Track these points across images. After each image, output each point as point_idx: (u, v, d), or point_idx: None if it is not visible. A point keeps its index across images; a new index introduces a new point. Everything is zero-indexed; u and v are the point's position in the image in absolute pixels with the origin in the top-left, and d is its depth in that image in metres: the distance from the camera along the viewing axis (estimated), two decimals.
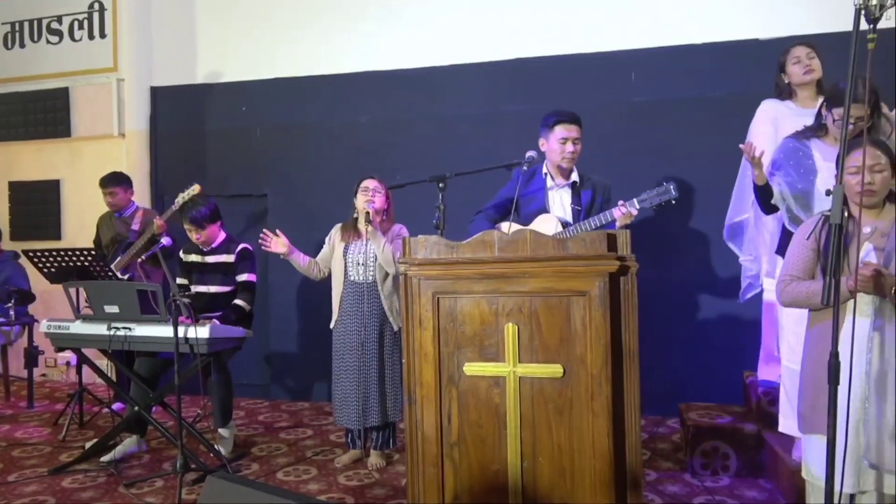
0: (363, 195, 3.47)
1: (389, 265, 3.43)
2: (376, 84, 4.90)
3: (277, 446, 3.98)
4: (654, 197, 2.89)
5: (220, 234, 3.84)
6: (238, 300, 3.74)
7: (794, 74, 3.24)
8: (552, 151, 3.13)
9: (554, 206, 3.13)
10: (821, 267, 2.30)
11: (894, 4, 1.73)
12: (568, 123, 3.11)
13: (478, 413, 2.13)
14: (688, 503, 3.07)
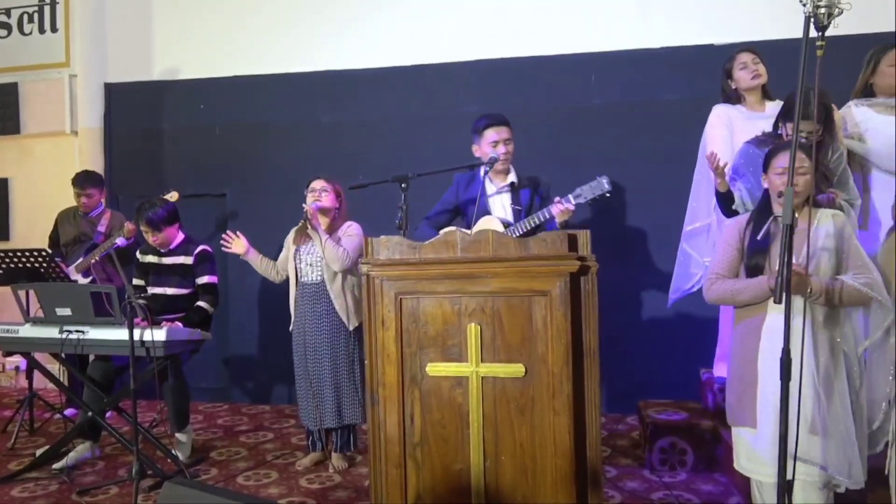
0: (311, 196, 3.47)
1: (333, 262, 3.41)
2: (338, 84, 4.86)
3: (237, 450, 3.92)
4: (589, 191, 2.92)
5: (179, 235, 3.77)
6: (201, 302, 3.67)
7: (741, 80, 3.34)
8: (485, 155, 3.17)
9: (495, 208, 3.18)
10: (744, 266, 2.40)
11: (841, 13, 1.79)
12: (497, 126, 3.16)
13: (440, 413, 2.13)
14: (646, 498, 3.12)
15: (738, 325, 2.47)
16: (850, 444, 2.28)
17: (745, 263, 2.42)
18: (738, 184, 2.96)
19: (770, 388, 2.28)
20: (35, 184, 5.41)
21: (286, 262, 3.62)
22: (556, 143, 4.44)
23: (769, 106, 3.28)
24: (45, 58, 5.46)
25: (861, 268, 2.29)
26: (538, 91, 4.56)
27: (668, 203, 4.05)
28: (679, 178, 3.71)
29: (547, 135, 4.47)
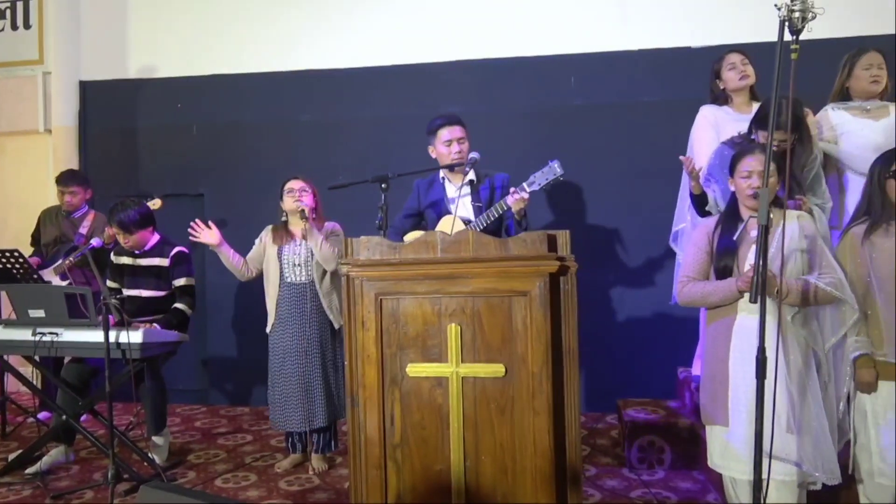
0: (290, 197, 3.44)
1: (327, 262, 3.40)
2: (317, 83, 4.84)
3: (215, 453, 3.88)
4: (542, 177, 2.89)
5: (153, 237, 3.71)
6: (179, 304, 3.62)
7: (730, 80, 3.37)
8: (441, 155, 3.18)
9: (459, 208, 3.15)
10: (713, 268, 2.44)
11: (815, 17, 1.82)
12: (450, 125, 3.18)
13: (421, 414, 2.13)
14: (625, 497, 3.15)
15: (710, 326, 2.50)
16: (824, 440, 2.32)
17: (714, 266, 2.46)
18: (712, 185, 2.99)
19: (741, 387, 2.32)
20: (7, 183, 5.30)
21: (259, 260, 3.58)
22: (535, 143, 4.45)
23: (755, 107, 3.31)
24: (18, 55, 5.35)
25: (827, 267, 2.34)
26: (518, 92, 4.58)
27: (647, 204, 4.10)
28: (658, 179, 3.75)
29: (527, 135, 4.49)
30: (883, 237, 2.39)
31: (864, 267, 2.39)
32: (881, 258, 2.38)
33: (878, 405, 2.40)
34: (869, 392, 2.40)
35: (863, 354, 2.38)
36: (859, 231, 2.44)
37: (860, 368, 2.39)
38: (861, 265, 2.40)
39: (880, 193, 2.43)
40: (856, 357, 2.39)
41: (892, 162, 2.41)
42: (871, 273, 2.38)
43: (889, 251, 2.37)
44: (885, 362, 2.37)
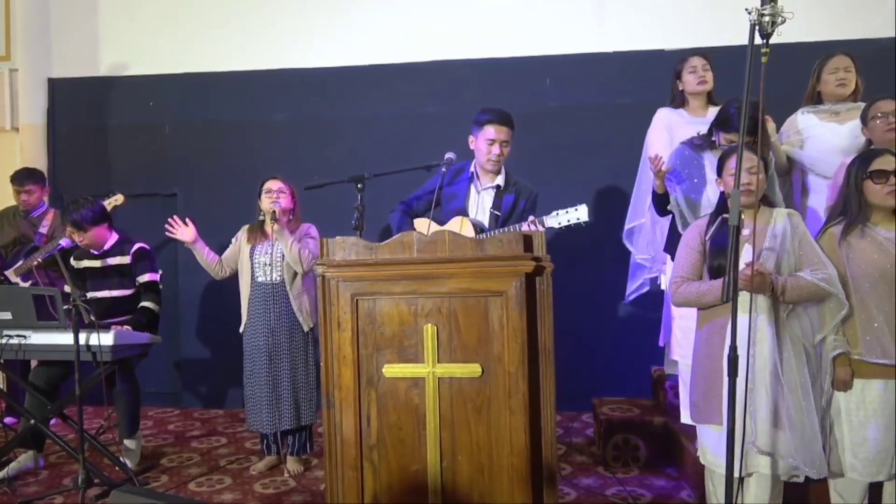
0: (267, 197, 3.41)
1: (297, 264, 3.39)
2: (291, 82, 4.80)
3: (189, 456, 3.83)
4: (564, 217, 2.87)
5: (111, 235, 3.65)
6: (145, 302, 3.57)
7: (688, 83, 3.43)
8: (479, 151, 3.08)
9: (474, 208, 3.11)
10: (707, 267, 2.47)
11: (784, 21, 1.86)
12: (498, 125, 3.05)
13: (397, 414, 2.13)
14: (600, 494, 3.18)
15: (704, 326, 2.51)
16: (812, 435, 2.35)
17: (707, 265, 2.47)
18: (675, 186, 3.04)
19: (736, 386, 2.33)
20: None
21: (233, 259, 3.56)
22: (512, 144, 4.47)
23: (711, 111, 3.37)
24: None
25: (817, 263, 2.37)
26: (495, 92, 4.59)
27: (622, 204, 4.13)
28: (632, 179, 3.79)
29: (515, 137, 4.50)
30: (858, 238, 2.44)
31: (841, 266, 2.43)
32: (856, 258, 2.42)
33: (852, 402, 2.45)
34: (845, 390, 2.45)
35: (841, 353, 2.43)
36: (836, 231, 2.48)
37: (838, 367, 2.44)
38: (838, 265, 2.44)
39: (857, 194, 2.47)
40: (835, 356, 2.43)
41: (869, 163, 2.45)
42: (848, 273, 2.43)
43: (863, 251, 2.41)
44: (860, 361, 2.42)
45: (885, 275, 2.38)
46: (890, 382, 2.40)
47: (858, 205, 2.46)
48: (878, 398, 2.41)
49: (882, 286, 2.39)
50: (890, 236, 2.41)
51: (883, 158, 2.44)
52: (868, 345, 2.39)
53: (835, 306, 2.39)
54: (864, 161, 2.48)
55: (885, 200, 2.41)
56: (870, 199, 2.45)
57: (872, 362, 2.39)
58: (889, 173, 2.40)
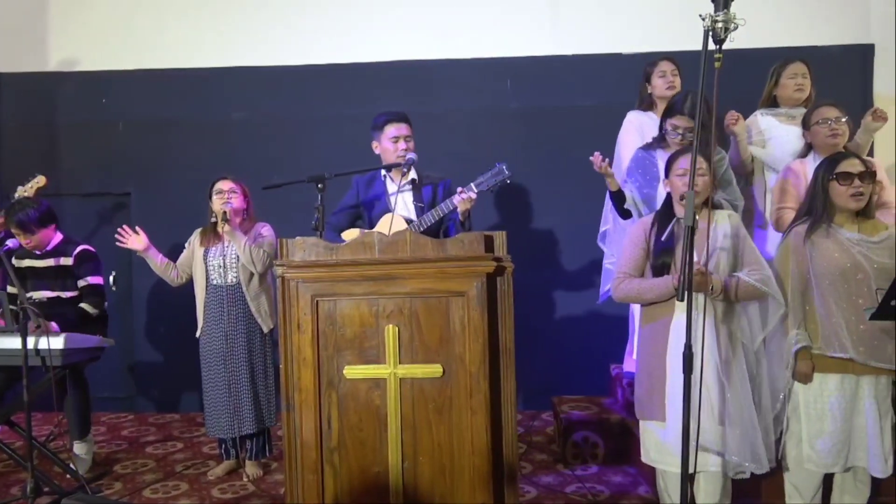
0: (218, 198, 3.36)
1: (252, 264, 3.34)
2: (250, 80, 4.72)
3: (144, 462, 3.74)
4: (490, 178, 2.92)
5: (55, 236, 3.54)
6: (83, 304, 3.46)
7: (657, 87, 3.51)
8: (386, 151, 3.15)
9: (398, 207, 3.12)
10: (650, 265, 2.53)
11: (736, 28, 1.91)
12: (397, 122, 3.14)
13: (358, 416, 2.12)
14: (560, 492, 3.22)
15: (647, 324, 2.58)
16: (753, 431, 2.43)
17: (651, 263, 2.54)
18: (628, 184, 3.13)
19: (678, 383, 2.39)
20: None
21: (188, 263, 3.50)
22: (472, 144, 4.49)
23: None
24: None
25: (755, 264, 2.46)
26: (455, 93, 4.60)
27: (582, 205, 4.19)
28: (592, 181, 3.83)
29: (464, 136, 4.53)
30: (822, 237, 2.53)
31: (805, 264, 2.52)
32: (819, 256, 2.51)
33: (811, 395, 2.54)
34: (805, 383, 2.53)
35: (803, 347, 2.51)
36: (801, 230, 2.57)
37: (800, 361, 2.52)
38: (802, 263, 2.53)
39: (822, 195, 2.56)
40: (797, 350, 2.51)
41: (836, 165, 2.54)
42: (811, 270, 2.51)
43: (826, 250, 2.50)
44: (820, 355, 2.50)
45: (845, 273, 2.47)
46: (847, 376, 2.49)
47: (824, 205, 2.55)
48: (835, 391, 2.50)
49: (841, 284, 2.48)
50: (852, 237, 2.51)
51: (849, 161, 2.53)
52: (826, 339, 2.49)
53: (772, 306, 2.48)
54: (832, 163, 2.56)
55: (849, 202, 2.51)
56: (835, 201, 2.54)
57: (831, 356, 2.48)
58: (854, 176, 2.49)
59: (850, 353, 2.45)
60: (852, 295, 2.47)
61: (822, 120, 2.95)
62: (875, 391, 2.50)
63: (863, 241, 2.50)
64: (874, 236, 2.52)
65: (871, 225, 2.55)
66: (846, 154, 2.61)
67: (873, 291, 2.45)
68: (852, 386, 2.50)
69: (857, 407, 2.50)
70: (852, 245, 2.49)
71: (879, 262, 2.47)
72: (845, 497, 2.70)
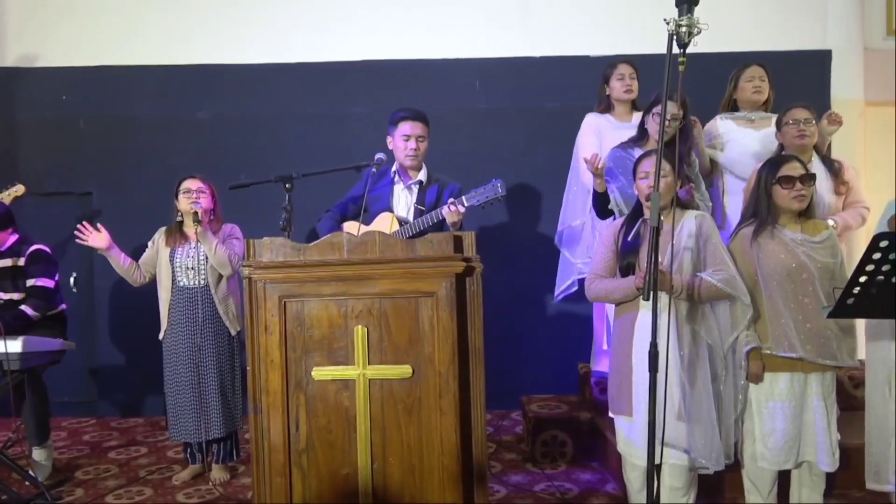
0: (186, 197, 3.29)
1: (223, 267, 3.29)
2: (216, 78, 4.65)
3: (106, 468, 3.66)
4: (482, 194, 2.93)
5: (10, 237, 3.45)
6: (24, 306, 3.34)
7: (615, 90, 3.56)
8: (397, 148, 3.13)
9: (398, 205, 3.14)
10: (619, 267, 2.58)
11: (700, 32, 1.95)
12: (412, 121, 3.12)
13: (327, 418, 2.11)
14: (529, 491, 3.24)
15: (616, 321, 2.64)
16: (712, 429, 2.49)
17: (619, 264, 2.59)
18: (611, 186, 3.14)
19: (643, 379, 2.44)
20: None
21: (152, 263, 3.42)
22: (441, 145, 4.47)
23: (635, 117, 3.51)
24: None
25: (720, 264, 2.51)
26: (424, 93, 4.59)
27: (551, 205, 4.23)
28: (560, 182, 3.88)
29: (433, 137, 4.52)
30: (768, 238, 2.59)
31: (752, 266, 2.59)
32: (766, 258, 2.57)
33: (762, 394, 2.60)
34: (757, 382, 2.60)
35: (753, 348, 2.57)
36: (748, 232, 2.63)
37: (751, 361, 2.58)
38: (749, 264, 2.59)
39: (766, 198, 2.63)
40: (747, 350, 2.57)
41: (778, 169, 2.61)
42: (758, 272, 2.58)
43: (772, 251, 2.57)
44: (770, 355, 2.57)
45: (791, 273, 2.54)
46: (796, 375, 2.56)
47: (768, 208, 2.62)
48: (785, 390, 2.57)
49: (788, 284, 2.55)
50: (796, 237, 2.58)
51: (790, 165, 2.60)
52: (776, 339, 2.55)
53: (743, 308, 2.53)
54: (773, 167, 2.64)
55: (792, 204, 2.58)
56: (778, 203, 2.60)
57: (780, 356, 2.55)
58: (795, 179, 2.56)
59: (800, 353, 2.52)
60: (798, 294, 2.54)
61: (793, 121, 3.04)
62: (822, 388, 2.58)
63: (806, 241, 2.57)
64: (816, 236, 2.59)
65: (813, 225, 2.64)
66: (787, 158, 2.68)
67: (818, 291, 2.53)
68: (801, 384, 2.57)
69: (805, 404, 2.58)
70: (796, 245, 2.56)
71: (822, 261, 2.55)
72: (803, 491, 2.77)
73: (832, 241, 2.62)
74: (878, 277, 2.11)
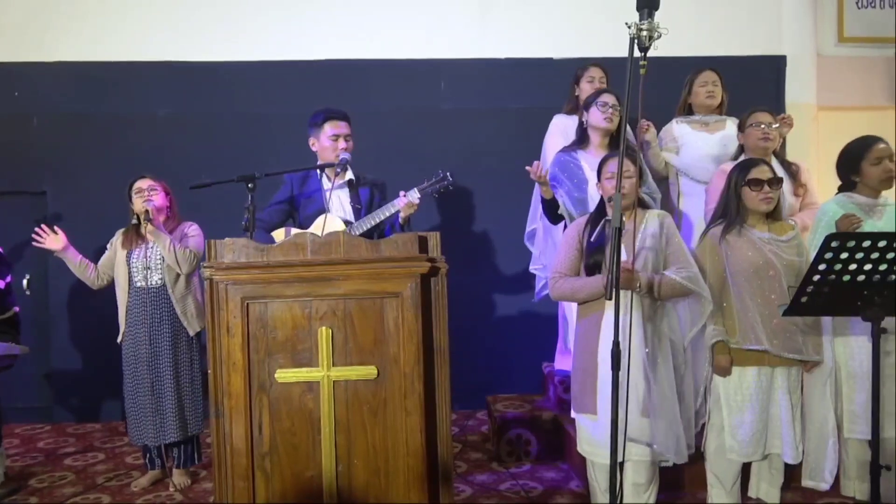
0: (138, 197, 3.24)
1: (178, 265, 3.23)
2: (176, 75, 4.56)
3: (62, 475, 3.56)
4: (433, 184, 2.94)
5: None
6: None
7: (584, 91, 3.60)
8: (324, 149, 3.08)
9: (333, 207, 3.08)
10: (584, 265, 2.62)
11: (660, 37, 1.98)
12: (339, 120, 3.09)
13: (291, 420, 2.08)
14: (494, 490, 3.25)
15: (581, 321, 2.66)
16: (675, 423, 2.55)
17: (584, 263, 2.62)
18: (559, 191, 3.17)
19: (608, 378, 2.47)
20: None
21: (110, 265, 3.35)
22: (405, 145, 4.49)
23: None
24: None
25: (683, 262, 2.58)
26: (388, 93, 4.59)
27: (514, 206, 4.25)
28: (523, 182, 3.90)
29: (397, 137, 4.52)
30: (737, 237, 2.68)
31: (721, 264, 2.67)
32: (734, 256, 2.66)
33: (731, 387, 2.68)
34: (724, 376, 2.67)
35: (719, 341, 2.64)
36: (717, 231, 2.72)
37: (717, 354, 2.66)
38: (718, 262, 2.67)
39: (736, 199, 2.72)
40: (713, 344, 2.64)
41: (748, 172, 2.69)
42: (727, 269, 2.66)
43: (740, 250, 2.66)
44: (738, 349, 2.64)
45: (759, 270, 2.63)
46: (763, 368, 2.65)
47: (737, 208, 2.71)
48: (753, 383, 2.65)
49: (755, 280, 2.64)
50: (763, 236, 2.68)
51: (759, 169, 2.70)
52: (744, 333, 2.63)
53: (703, 304, 2.60)
54: (743, 170, 2.72)
55: (760, 205, 2.67)
56: (747, 204, 2.70)
57: (748, 349, 2.63)
58: (763, 182, 2.66)
59: (766, 346, 2.60)
60: (765, 291, 2.63)
61: (756, 123, 3.13)
62: (787, 382, 2.67)
63: (773, 240, 2.67)
64: (783, 236, 2.70)
65: (780, 226, 2.74)
66: (756, 161, 2.78)
67: (784, 287, 2.62)
68: (768, 377, 2.66)
69: (772, 397, 2.66)
70: (764, 244, 2.66)
71: (788, 259, 2.65)
72: (762, 484, 2.86)
73: (798, 240, 2.72)
74: (830, 276, 2.19)
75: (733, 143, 3.32)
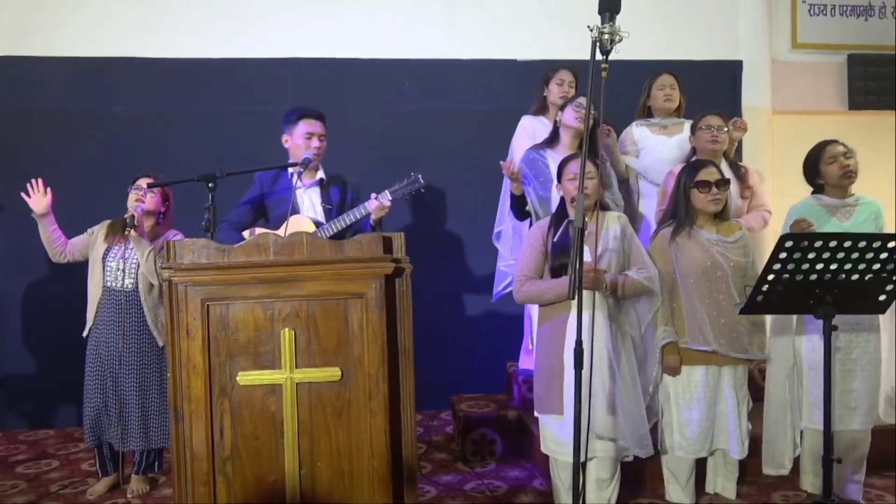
0: (133, 194, 3.15)
1: (153, 275, 3.14)
2: (133, 72, 4.45)
3: (13, 483, 3.44)
4: (405, 187, 2.93)
5: None
6: None
7: (552, 92, 3.64)
8: (297, 147, 3.03)
9: (304, 207, 3.04)
10: (549, 267, 2.65)
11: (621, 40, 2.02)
12: (313, 119, 3.05)
13: (253, 424, 2.05)
14: (459, 490, 3.26)
15: (546, 321, 2.68)
16: (640, 419, 2.60)
17: (549, 265, 2.64)
18: (527, 188, 3.21)
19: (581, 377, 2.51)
20: None
21: (81, 248, 3.25)
22: (369, 145, 4.47)
23: None
24: None
25: (642, 263, 2.64)
26: (353, 93, 4.56)
27: (478, 206, 4.28)
28: (488, 183, 3.93)
29: (361, 136, 4.49)
30: (686, 238, 2.73)
31: (671, 265, 2.73)
32: (683, 257, 2.71)
33: (679, 387, 2.74)
34: (674, 375, 2.73)
35: (670, 342, 2.69)
36: (667, 233, 2.77)
37: (667, 355, 2.71)
38: (668, 263, 2.73)
39: (685, 201, 2.77)
40: (664, 344, 2.70)
41: (696, 173, 2.75)
42: (677, 270, 2.71)
43: (689, 251, 2.71)
44: (687, 349, 2.70)
45: (707, 271, 2.69)
46: (711, 367, 2.71)
47: (686, 210, 2.76)
48: (700, 382, 2.71)
49: (703, 281, 2.70)
50: (711, 238, 2.74)
51: (707, 170, 2.75)
52: (692, 334, 2.69)
53: (656, 300, 2.67)
54: (692, 172, 2.78)
55: (708, 207, 2.73)
56: (695, 205, 2.75)
57: (696, 349, 2.69)
58: (712, 184, 2.71)
59: (713, 346, 2.67)
60: (713, 291, 2.70)
61: (706, 126, 3.19)
62: (734, 380, 2.74)
63: (720, 241, 2.74)
64: (730, 237, 2.77)
65: (727, 227, 2.81)
66: (704, 163, 2.84)
67: (731, 288, 2.69)
68: (715, 376, 2.73)
69: (719, 395, 2.74)
70: (712, 245, 2.72)
71: (735, 260, 2.73)
72: (718, 478, 2.93)
73: (744, 241, 2.79)
74: (784, 276, 2.25)
75: (690, 146, 3.39)
